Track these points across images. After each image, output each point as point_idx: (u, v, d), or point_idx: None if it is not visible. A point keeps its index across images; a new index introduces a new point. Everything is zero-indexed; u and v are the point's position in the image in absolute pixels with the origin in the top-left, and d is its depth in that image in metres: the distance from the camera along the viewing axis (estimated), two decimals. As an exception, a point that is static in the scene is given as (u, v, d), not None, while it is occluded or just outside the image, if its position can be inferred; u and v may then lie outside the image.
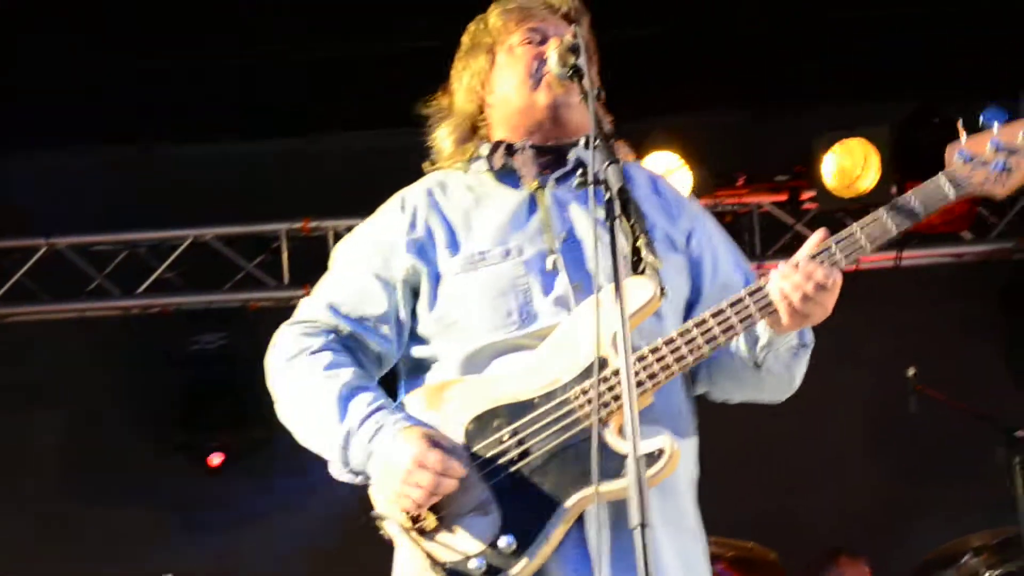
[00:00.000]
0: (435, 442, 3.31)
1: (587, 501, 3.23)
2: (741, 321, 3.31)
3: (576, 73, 3.27)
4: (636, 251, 3.07)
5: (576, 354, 3.31)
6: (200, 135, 8.71)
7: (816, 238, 3.34)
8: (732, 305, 3.32)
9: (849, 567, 8.00)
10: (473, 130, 3.74)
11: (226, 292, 8.84)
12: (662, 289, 3.18)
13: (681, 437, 3.42)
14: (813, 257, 3.30)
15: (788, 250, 8.39)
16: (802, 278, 3.25)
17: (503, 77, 3.69)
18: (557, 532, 3.26)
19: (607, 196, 2.98)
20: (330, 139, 8.70)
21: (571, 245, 3.50)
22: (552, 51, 3.42)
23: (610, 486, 3.16)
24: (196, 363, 8.75)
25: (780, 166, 8.83)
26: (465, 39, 3.81)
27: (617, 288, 2.88)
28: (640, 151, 8.32)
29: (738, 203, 8.90)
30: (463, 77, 3.76)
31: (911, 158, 8.42)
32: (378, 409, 3.41)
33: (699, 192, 8.54)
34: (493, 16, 3.75)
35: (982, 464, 7.51)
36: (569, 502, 3.25)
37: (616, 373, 3.22)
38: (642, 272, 3.07)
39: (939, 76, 8.54)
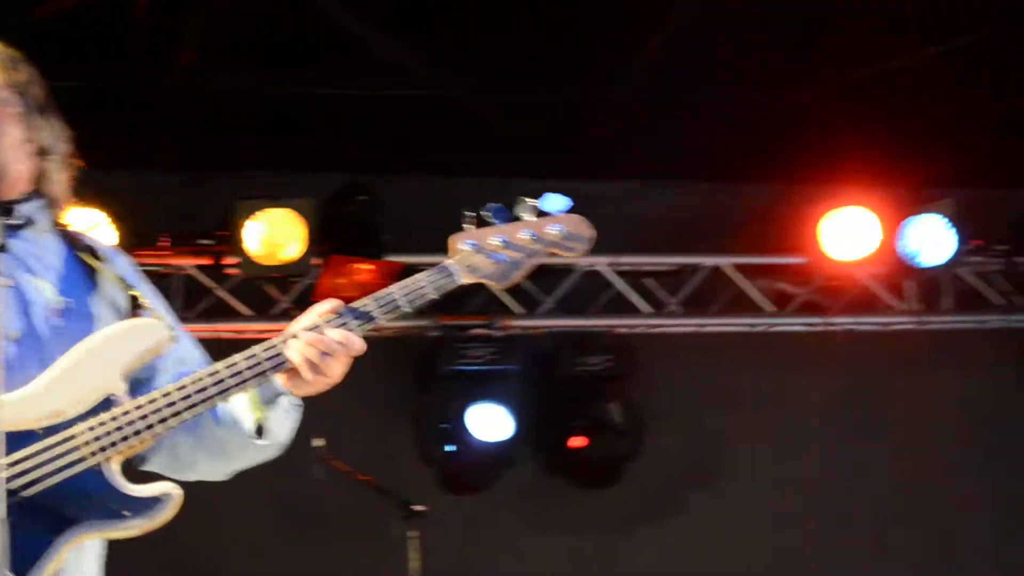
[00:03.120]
0: None
1: (85, 538, 3.23)
2: (256, 376, 3.36)
3: None
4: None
5: (83, 389, 3.29)
6: None
7: (328, 306, 3.45)
8: (247, 359, 3.35)
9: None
10: None
11: None
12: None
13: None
14: (329, 323, 3.41)
15: (210, 313, 8.49)
16: (327, 339, 3.38)
17: None
18: (50, 568, 3.17)
19: None
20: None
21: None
22: None
23: (116, 526, 3.22)
24: None
25: (205, 230, 8.78)
26: None
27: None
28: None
29: (161, 264, 8.74)
30: None
31: (335, 231, 8.61)
32: None
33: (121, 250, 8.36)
34: None
35: (382, 536, 7.67)
36: (64, 538, 3.20)
37: (126, 412, 3.27)
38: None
39: (365, 152, 8.75)
